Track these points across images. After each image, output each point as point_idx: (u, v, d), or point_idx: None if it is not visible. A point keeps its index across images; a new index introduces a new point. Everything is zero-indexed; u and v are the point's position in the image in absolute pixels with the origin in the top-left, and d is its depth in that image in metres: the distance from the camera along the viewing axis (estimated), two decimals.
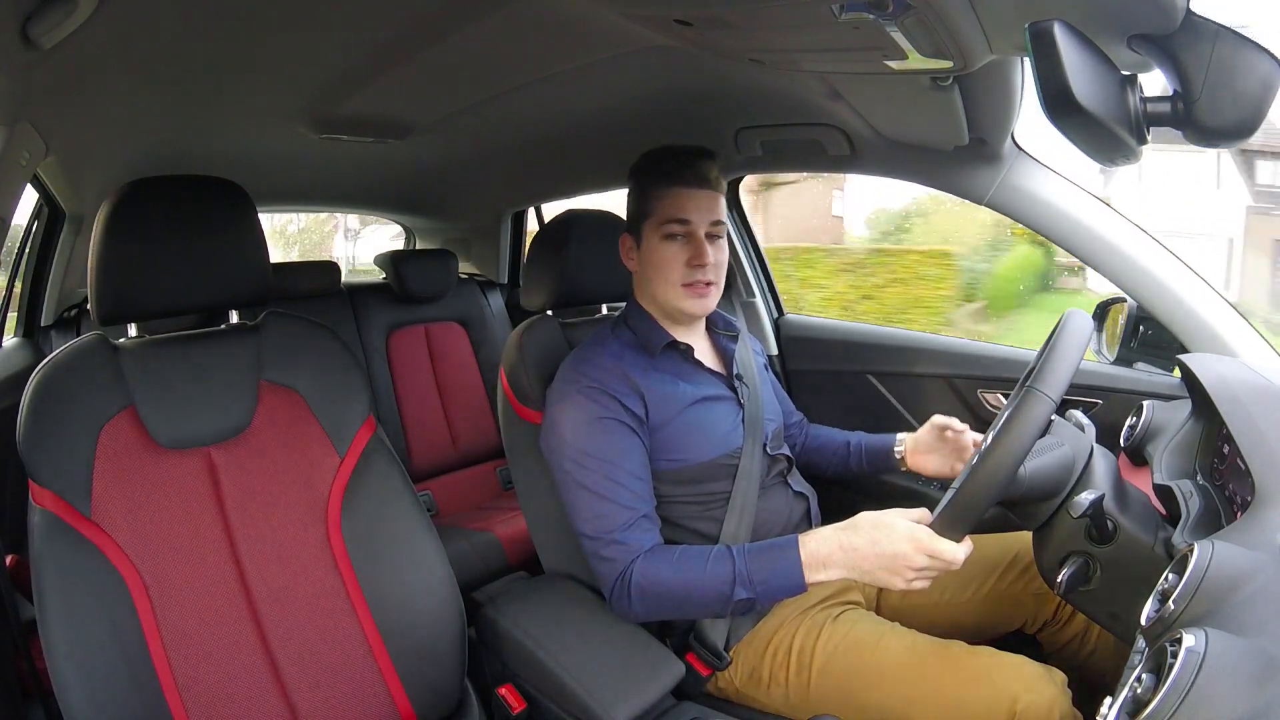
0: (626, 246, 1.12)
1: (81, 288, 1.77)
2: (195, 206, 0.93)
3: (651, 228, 1.06)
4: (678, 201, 1.04)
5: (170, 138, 1.41)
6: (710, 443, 1.05)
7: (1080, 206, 1.17)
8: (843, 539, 0.87)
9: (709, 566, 0.91)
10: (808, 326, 1.79)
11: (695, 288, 1.05)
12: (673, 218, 1.04)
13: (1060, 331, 0.81)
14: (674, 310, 1.08)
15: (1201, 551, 0.59)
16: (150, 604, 0.83)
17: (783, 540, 0.92)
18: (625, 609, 0.95)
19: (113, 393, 0.88)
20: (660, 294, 1.07)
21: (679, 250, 1.04)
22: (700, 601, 0.93)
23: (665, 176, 1.05)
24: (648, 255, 1.07)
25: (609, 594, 0.96)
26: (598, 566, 0.97)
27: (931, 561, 0.80)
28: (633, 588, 0.93)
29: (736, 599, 0.89)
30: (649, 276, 1.08)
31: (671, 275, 1.05)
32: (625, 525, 0.95)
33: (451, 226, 2.58)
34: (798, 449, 1.31)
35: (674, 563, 0.93)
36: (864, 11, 0.68)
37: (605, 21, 0.93)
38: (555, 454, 1.01)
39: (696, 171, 1.05)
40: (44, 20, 0.72)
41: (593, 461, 0.97)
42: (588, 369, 1.02)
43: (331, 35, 1.01)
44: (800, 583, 0.88)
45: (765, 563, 0.90)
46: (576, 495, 0.98)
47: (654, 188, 1.06)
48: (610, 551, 0.95)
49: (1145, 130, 0.60)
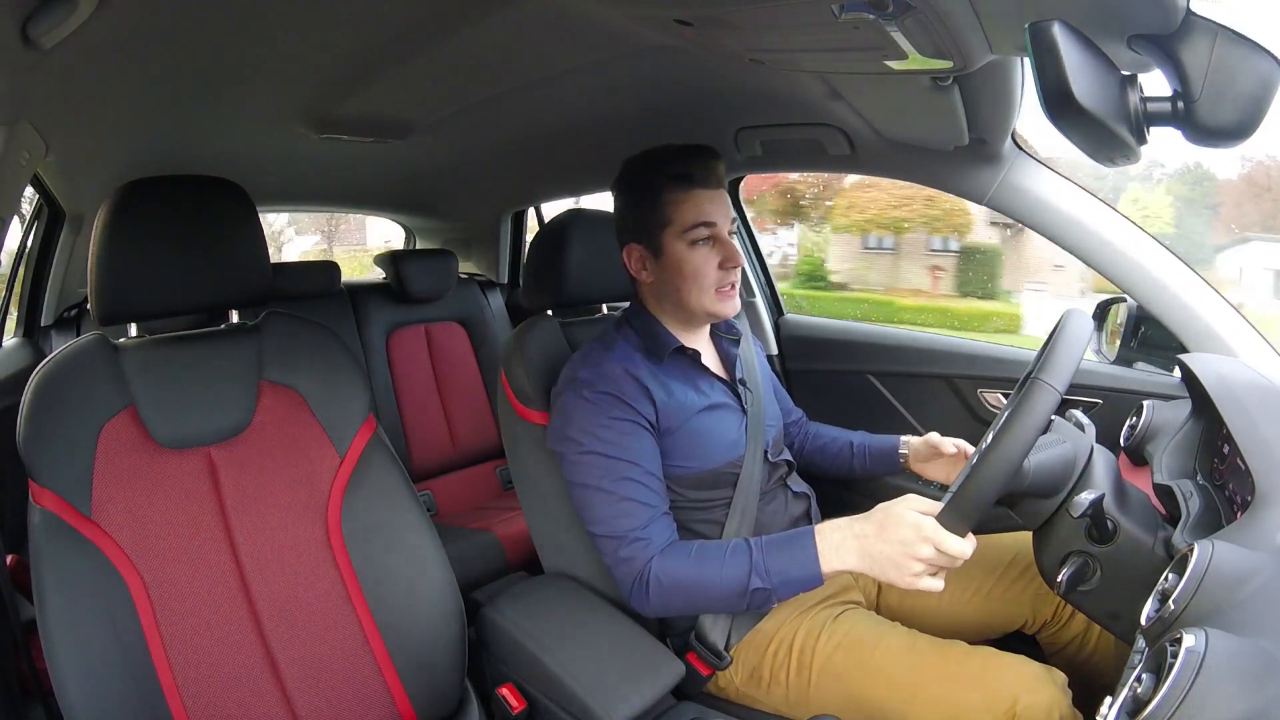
0: (636, 256, 1.06)
1: (81, 288, 1.77)
2: (195, 206, 0.93)
3: (674, 236, 1.01)
4: (700, 205, 1.01)
5: (170, 138, 1.41)
6: (715, 450, 1.05)
7: (1080, 206, 1.17)
8: (855, 526, 0.87)
9: (726, 559, 0.91)
10: (808, 326, 1.79)
11: (726, 290, 1.03)
12: (700, 222, 1.01)
13: (1061, 330, 0.81)
14: (705, 314, 1.05)
15: (1201, 551, 0.59)
16: (150, 604, 0.83)
17: (798, 531, 0.92)
18: (643, 604, 0.94)
19: (113, 392, 0.88)
20: (693, 301, 1.03)
21: (710, 255, 1.02)
22: (717, 594, 0.91)
23: (680, 179, 1.01)
24: (674, 264, 1.02)
25: (628, 592, 0.95)
26: (616, 566, 0.96)
27: (936, 554, 0.80)
28: (651, 582, 0.92)
29: (753, 589, 0.88)
30: (677, 285, 1.03)
31: (706, 281, 1.02)
32: (645, 524, 0.94)
33: (451, 226, 2.58)
34: (798, 448, 1.31)
35: (692, 556, 0.93)
36: (864, 11, 0.68)
37: (605, 21, 0.93)
38: (566, 457, 1.00)
39: (711, 171, 1.03)
40: (44, 20, 0.71)
41: (608, 463, 0.96)
42: (596, 372, 1.00)
43: (332, 35, 1.01)
44: (816, 572, 0.87)
45: (782, 553, 0.89)
46: (592, 497, 0.97)
47: (667, 193, 1.01)
48: (629, 551, 0.94)
49: (1145, 130, 0.60)
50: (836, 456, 1.28)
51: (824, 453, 1.30)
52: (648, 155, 1.05)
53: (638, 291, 1.11)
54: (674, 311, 1.07)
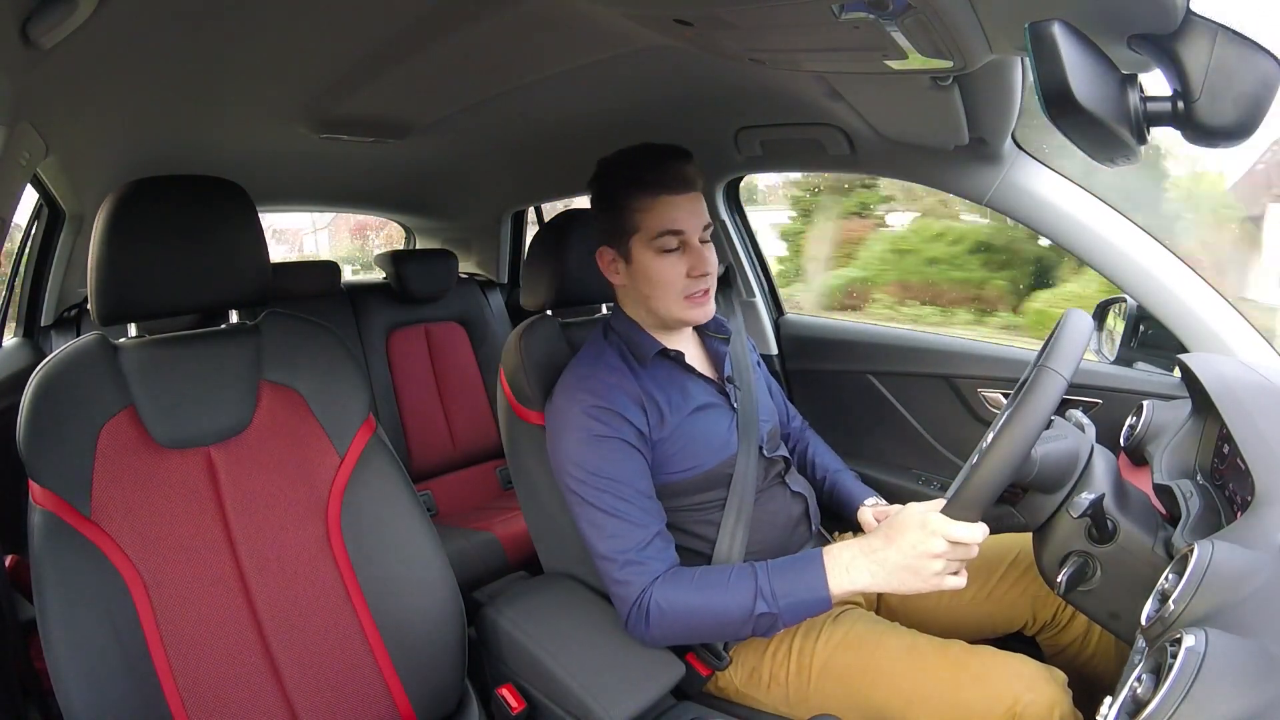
0: (608, 260, 1.04)
1: (81, 288, 1.77)
2: (195, 206, 0.93)
3: (641, 243, 0.99)
4: (667, 212, 0.97)
5: (170, 138, 1.41)
6: (709, 450, 1.04)
7: (1080, 206, 1.17)
8: (863, 542, 0.86)
9: (731, 582, 0.89)
10: (808, 326, 1.79)
11: (696, 297, 1.00)
12: (666, 230, 0.97)
13: (1062, 326, 0.81)
14: (674, 321, 1.03)
15: (1201, 551, 0.59)
16: (150, 604, 0.84)
17: (807, 553, 0.91)
18: (642, 633, 0.93)
19: (112, 392, 0.88)
20: (661, 308, 1.02)
21: (676, 261, 0.99)
22: (721, 620, 0.89)
23: (646, 186, 0.97)
24: (641, 271, 1.00)
25: (625, 619, 0.94)
26: (613, 589, 0.94)
27: (948, 546, 0.79)
28: (651, 611, 0.91)
29: (758, 613, 0.87)
30: (645, 292, 1.01)
31: (672, 290, 0.99)
32: (641, 545, 0.93)
33: (451, 226, 2.58)
34: (795, 455, 1.30)
35: (694, 583, 0.91)
36: (864, 11, 0.68)
37: (605, 21, 0.93)
38: (561, 473, 0.99)
39: (679, 175, 0.98)
40: (44, 20, 0.71)
41: (602, 482, 0.95)
42: (589, 385, 0.99)
43: (332, 35, 1.01)
44: (824, 595, 0.86)
45: (789, 575, 0.88)
46: (589, 514, 0.96)
47: (634, 200, 0.98)
48: (626, 574, 0.92)
49: (1145, 130, 0.60)
50: (812, 474, 1.28)
51: (804, 464, 1.30)
52: (618, 157, 1.01)
53: (616, 294, 1.10)
54: (647, 316, 1.06)
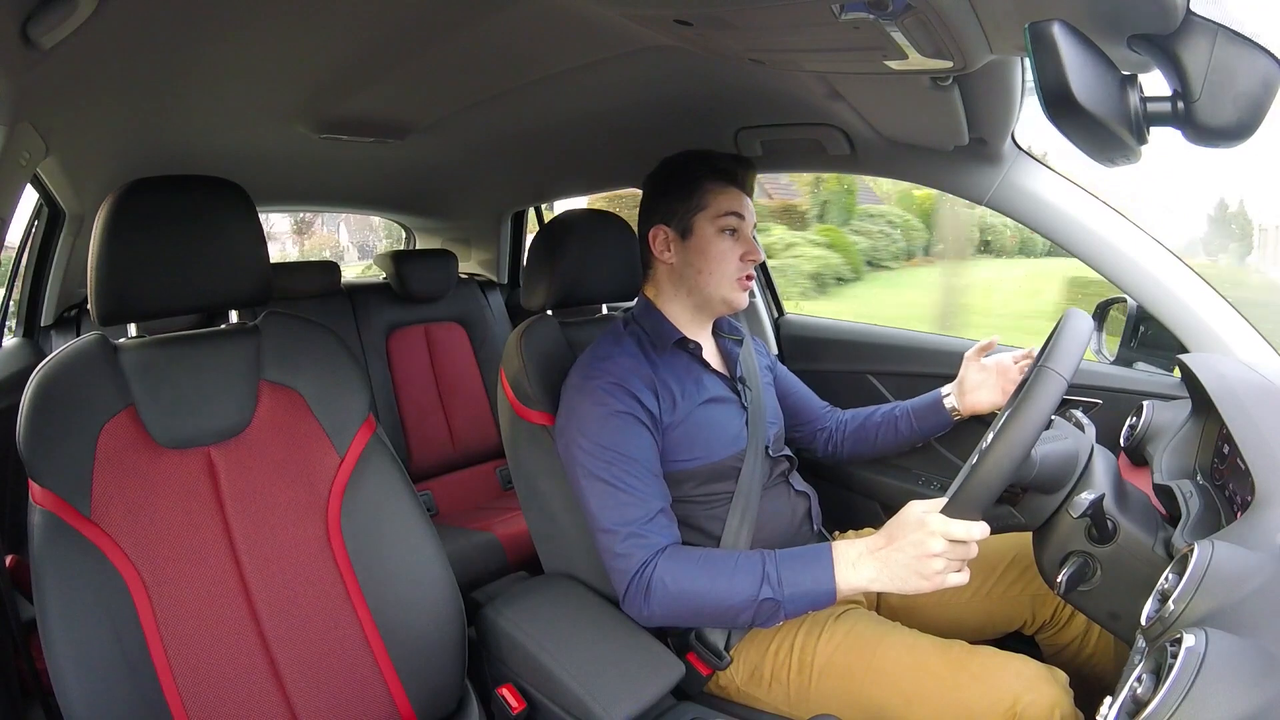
0: (661, 239, 1.11)
1: (81, 288, 1.77)
2: (195, 206, 0.93)
3: (707, 220, 1.09)
4: (735, 199, 1.10)
5: (170, 138, 1.41)
6: (719, 443, 1.06)
7: (1080, 206, 1.17)
8: (867, 541, 0.88)
9: (738, 564, 0.90)
10: (808, 326, 1.79)
11: (743, 281, 1.10)
12: (731, 211, 1.09)
13: (1062, 326, 0.82)
14: (719, 302, 1.11)
15: (1201, 551, 0.59)
16: (150, 604, 0.83)
17: (816, 546, 0.91)
18: (639, 608, 0.93)
19: (112, 393, 0.88)
20: (710, 284, 1.09)
21: (734, 245, 1.09)
22: (724, 603, 0.89)
23: (723, 175, 1.10)
24: (701, 247, 1.09)
25: (623, 593, 0.94)
26: (612, 564, 0.95)
27: (948, 545, 0.80)
28: (653, 585, 0.91)
29: (762, 599, 0.87)
30: (699, 268, 1.09)
31: (728, 267, 1.09)
32: (644, 519, 0.94)
33: (451, 226, 2.58)
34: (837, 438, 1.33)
35: (699, 561, 0.92)
36: (864, 11, 0.68)
37: (605, 21, 0.93)
38: (571, 447, 1.00)
39: (746, 178, 1.13)
40: (44, 20, 0.71)
41: (611, 455, 0.97)
42: (606, 365, 1.03)
43: (332, 35, 1.01)
44: (830, 587, 0.87)
45: (796, 564, 0.89)
46: (594, 487, 0.97)
47: (710, 183, 1.10)
48: (627, 546, 0.93)
49: (1145, 130, 0.60)
50: (880, 425, 1.30)
51: (865, 427, 1.31)
52: (693, 152, 1.14)
53: (648, 280, 1.15)
54: (687, 298, 1.12)
